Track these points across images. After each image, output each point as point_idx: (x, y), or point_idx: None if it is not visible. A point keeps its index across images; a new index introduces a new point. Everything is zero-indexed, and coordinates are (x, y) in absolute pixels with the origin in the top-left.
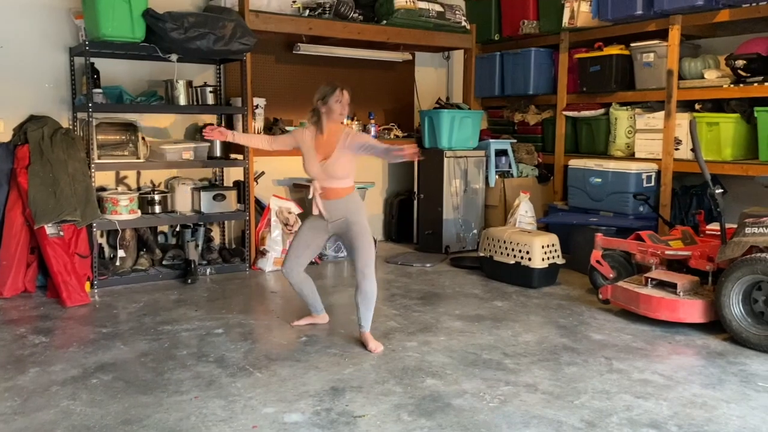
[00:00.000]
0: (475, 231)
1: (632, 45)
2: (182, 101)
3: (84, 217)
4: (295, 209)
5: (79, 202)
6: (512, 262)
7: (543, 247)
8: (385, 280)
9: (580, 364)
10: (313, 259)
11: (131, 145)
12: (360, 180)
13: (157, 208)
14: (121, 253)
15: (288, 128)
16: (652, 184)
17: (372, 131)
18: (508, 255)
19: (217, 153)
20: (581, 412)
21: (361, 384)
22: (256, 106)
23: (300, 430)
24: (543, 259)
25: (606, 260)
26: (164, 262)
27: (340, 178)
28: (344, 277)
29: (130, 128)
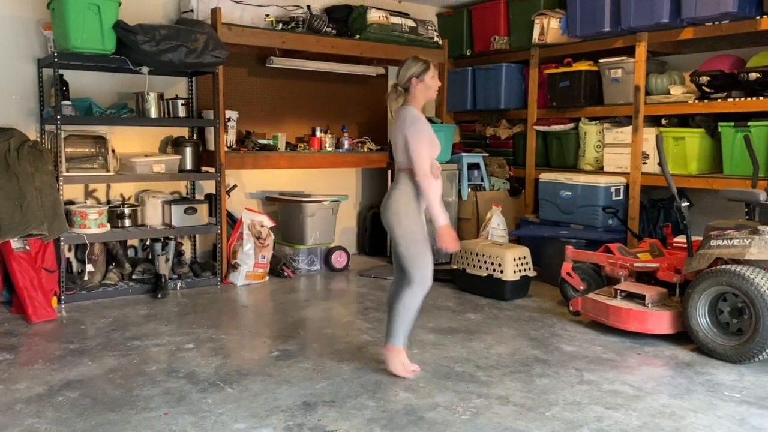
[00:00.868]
0: None
1: (600, 61)
2: (153, 114)
3: (51, 230)
4: (268, 222)
5: (47, 216)
6: (484, 274)
7: (515, 259)
8: (359, 293)
9: (552, 375)
10: (285, 272)
11: (101, 158)
12: (333, 193)
13: (127, 222)
14: (89, 267)
15: (260, 141)
16: (621, 197)
17: (346, 144)
18: (480, 268)
19: (188, 166)
20: (553, 424)
21: (334, 398)
22: (229, 119)
23: None
24: (515, 272)
25: (576, 272)
26: (134, 277)
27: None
28: (317, 291)
29: (100, 141)
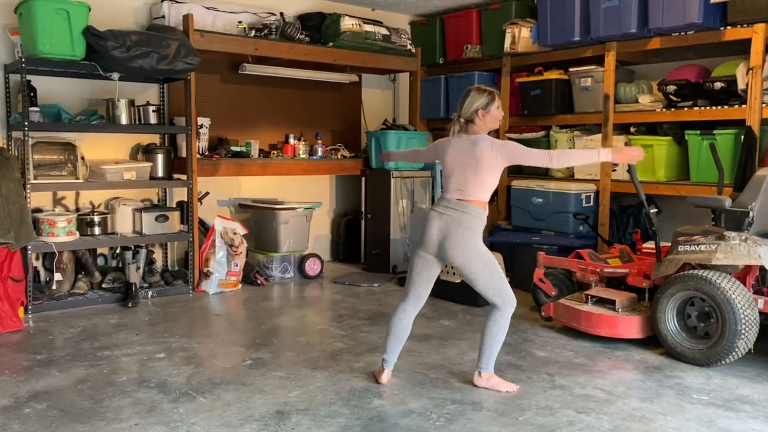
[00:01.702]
0: None
1: (571, 70)
2: (124, 120)
3: (18, 239)
4: (241, 230)
5: (13, 224)
6: (458, 281)
7: None
8: (333, 300)
9: (525, 380)
10: (258, 280)
11: (70, 165)
12: (306, 200)
13: (97, 230)
14: (57, 276)
15: (233, 148)
16: (591, 204)
17: (319, 151)
18: (454, 274)
19: (160, 173)
20: (526, 429)
21: (308, 406)
22: (201, 126)
23: None
24: None
25: (548, 278)
26: (104, 286)
27: None
28: (290, 298)
29: (69, 148)
